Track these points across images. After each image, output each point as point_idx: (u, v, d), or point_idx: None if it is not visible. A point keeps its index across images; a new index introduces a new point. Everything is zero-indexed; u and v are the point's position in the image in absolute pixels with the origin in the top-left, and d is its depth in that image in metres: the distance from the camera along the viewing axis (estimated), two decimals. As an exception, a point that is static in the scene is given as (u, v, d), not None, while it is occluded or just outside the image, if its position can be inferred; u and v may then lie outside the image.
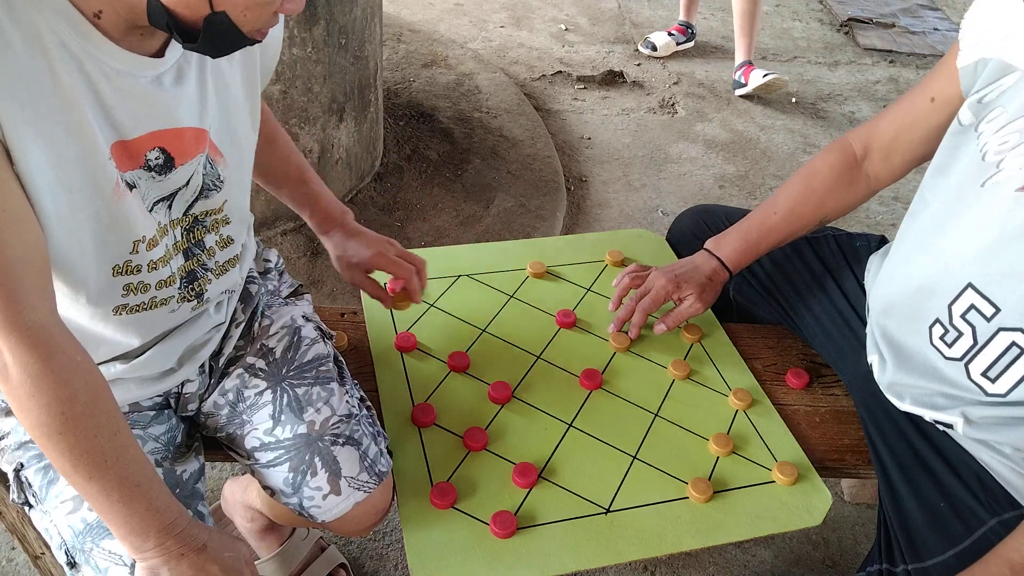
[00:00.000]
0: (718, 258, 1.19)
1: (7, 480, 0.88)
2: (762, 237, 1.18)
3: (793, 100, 3.03)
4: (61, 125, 0.68)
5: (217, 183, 0.86)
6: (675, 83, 3.07)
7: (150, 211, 0.79)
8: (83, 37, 0.68)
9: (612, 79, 3.01)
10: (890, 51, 3.49)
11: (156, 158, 0.77)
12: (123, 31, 0.70)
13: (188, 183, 0.82)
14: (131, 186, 0.76)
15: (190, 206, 0.84)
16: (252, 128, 0.90)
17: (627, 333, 1.21)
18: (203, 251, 0.88)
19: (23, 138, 0.66)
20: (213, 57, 0.76)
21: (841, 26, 3.69)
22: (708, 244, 1.22)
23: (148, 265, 0.81)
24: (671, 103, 2.95)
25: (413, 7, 3.33)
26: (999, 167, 0.88)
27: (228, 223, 0.90)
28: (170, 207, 0.82)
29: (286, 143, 1.09)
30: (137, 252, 0.79)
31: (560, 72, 3.02)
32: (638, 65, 3.16)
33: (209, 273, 0.90)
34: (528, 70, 3.02)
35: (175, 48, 0.76)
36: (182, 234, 0.85)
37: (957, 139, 0.96)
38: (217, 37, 0.69)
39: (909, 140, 1.07)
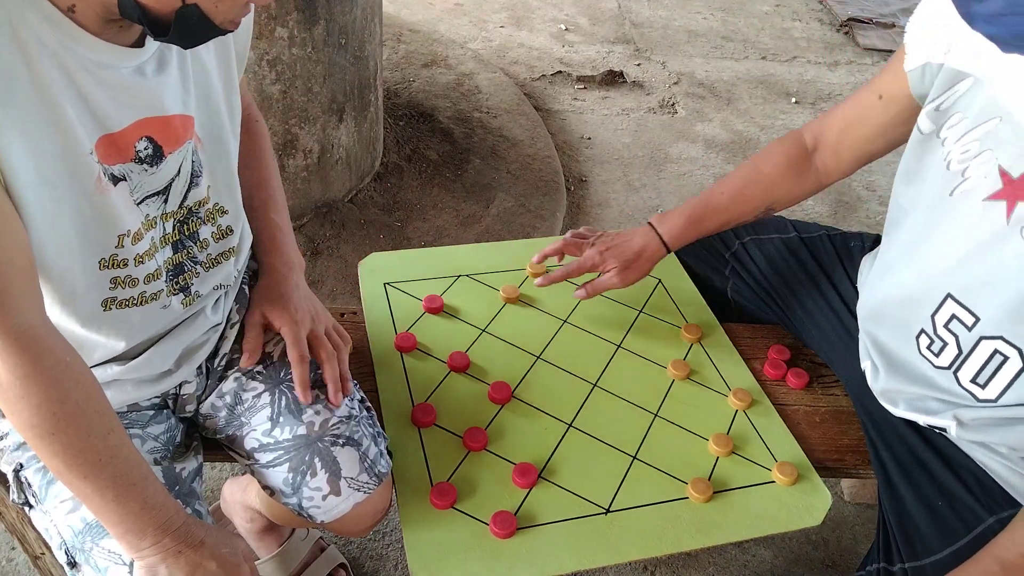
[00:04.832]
0: (659, 234, 1.20)
1: (7, 481, 0.88)
2: (706, 216, 1.18)
3: (793, 100, 3.03)
4: (41, 121, 0.68)
5: (200, 169, 0.86)
6: (675, 83, 3.07)
7: (138, 204, 0.79)
8: (60, 31, 0.67)
9: (612, 79, 3.01)
10: (890, 51, 3.48)
11: (145, 148, 0.77)
12: (100, 24, 0.70)
13: (179, 172, 0.82)
14: (117, 179, 0.76)
15: (185, 197, 0.84)
16: (230, 112, 0.89)
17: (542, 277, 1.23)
18: (195, 243, 0.88)
19: (3, 136, 0.66)
20: (184, 48, 0.76)
21: (841, 26, 3.69)
22: (652, 219, 1.22)
23: (135, 259, 0.81)
24: (671, 103, 2.95)
25: (413, 7, 3.33)
26: (964, 175, 0.88)
27: (225, 213, 0.90)
28: (166, 200, 0.82)
29: (270, 166, 1.05)
30: (123, 246, 0.79)
31: (560, 72, 3.02)
32: (638, 65, 3.16)
33: (198, 267, 0.90)
34: (528, 70, 3.02)
35: None
36: (174, 227, 0.85)
37: (921, 147, 0.96)
38: (189, 29, 0.69)
39: (856, 136, 1.08)
